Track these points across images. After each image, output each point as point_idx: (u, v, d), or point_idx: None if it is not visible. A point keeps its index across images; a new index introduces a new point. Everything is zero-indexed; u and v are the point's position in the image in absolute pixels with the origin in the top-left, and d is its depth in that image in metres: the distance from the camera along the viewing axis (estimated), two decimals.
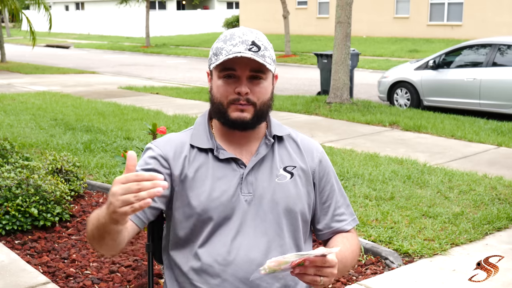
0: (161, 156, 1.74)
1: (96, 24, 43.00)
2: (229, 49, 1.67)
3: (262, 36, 1.74)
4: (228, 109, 1.71)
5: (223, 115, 1.72)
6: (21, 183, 4.49)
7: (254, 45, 1.68)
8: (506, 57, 9.72)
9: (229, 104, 1.70)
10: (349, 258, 1.75)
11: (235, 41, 1.68)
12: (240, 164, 1.74)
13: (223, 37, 1.72)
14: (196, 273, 1.70)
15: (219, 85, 1.72)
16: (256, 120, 1.72)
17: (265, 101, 1.73)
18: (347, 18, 10.41)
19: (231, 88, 1.69)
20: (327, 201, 1.84)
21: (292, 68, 19.49)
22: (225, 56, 1.66)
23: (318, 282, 1.50)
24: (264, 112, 1.74)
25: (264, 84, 1.72)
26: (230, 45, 1.68)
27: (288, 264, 1.44)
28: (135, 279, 3.67)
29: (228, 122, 1.72)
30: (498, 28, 22.44)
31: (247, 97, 1.69)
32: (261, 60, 1.66)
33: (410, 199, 5.18)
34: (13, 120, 8.92)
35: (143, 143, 6.97)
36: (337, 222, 1.85)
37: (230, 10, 45.45)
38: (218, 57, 1.69)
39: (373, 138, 8.08)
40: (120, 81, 15.77)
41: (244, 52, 1.65)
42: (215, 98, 1.73)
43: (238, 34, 1.70)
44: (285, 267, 1.44)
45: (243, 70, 1.68)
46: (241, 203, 1.71)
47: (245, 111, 1.70)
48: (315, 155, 1.85)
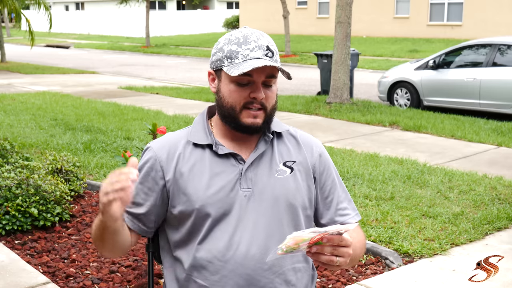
0: (155, 159, 1.77)
1: (96, 24, 43.00)
2: (246, 54, 1.66)
3: (271, 39, 1.74)
4: (240, 115, 1.71)
5: (234, 119, 1.72)
6: (21, 183, 4.49)
7: (269, 51, 1.69)
8: (506, 57, 9.72)
9: (242, 109, 1.70)
10: (358, 247, 1.74)
11: (251, 45, 1.67)
12: (239, 160, 1.74)
13: (235, 39, 1.69)
14: (196, 269, 1.70)
15: (231, 89, 1.70)
16: (265, 124, 1.74)
17: (274, 105, 1.75)
18: (347, 18, 10.41)
19: (246, 92, 1.69)
20: (329, 195, 1.84)
21: (292, 68, 19.49)
22: (243, 60, 1.66)
23: (335, 262, 1.49)
24: (272, 115, 1.76)
25: (274, 89, 1.74)
26: (246, 49, 1.67)
27: (306, 242, 1.42)
28: (135, 279, 3.67)
29: (240, 127, 1.72)
30: (498, 28, 22.44)
31: (261, 102, 1.70)
32: (279, 67, 1.68)
33: (410, 199, 5.18)
34: (13, 120, 8.92)
35: (143, 143, 6.98)
36: (341, 216, 1.84)
37: (230, 10, 45.45)
38: (233, 60, 1.67)
39: (373, 138, 8.08)
40: (120, 81, 15.77)
41: (263, 59, 1.66)
42: (226, 103, 1.72)
43: (253, 38, 1.69)
44: (303, 245, 1.42)
45: (259, 76, 1.68)
46: (240, 199, 1.71)
47: (258, 117, 1.71)
48: (315, 150, 1.85)
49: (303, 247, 1.43)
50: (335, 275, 3.82)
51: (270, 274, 1.69)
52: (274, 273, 1.70)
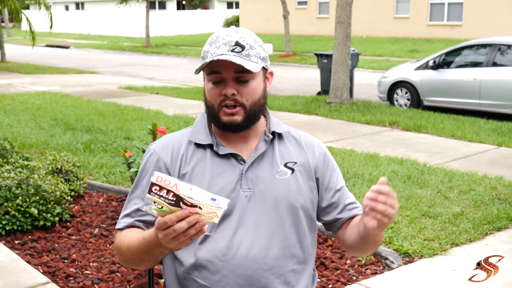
0: (159, 161, 1.76)
1: (96, 24, 42.99)
2: (213, 52, 1.67)
3: (248, 34, 1.72)
4: (219, 113, 1.71)
5: (215, 118, 1.73)
6: (21, 183, 4.49)
7: (238, 45, 1.67)
8: (506, 57, 9.72)
9: (219, 107, 1.71)
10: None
11: (218, 43, 1.68)
12: (240, 160, 1.74)
13: (209, 40, 1.72)
14: (197, 269, 1.70)
15: (209, 88, 1.72)
16: (248, 121, 1.72)
17: (255, 101, 1.72)
18: (347, 18, 10.41)
19: (219, 90, 1.70)
20: (336, 194, 1.84)
21: (292, 68, 19.49)
22: (210, 59, 1.66)
23: (389, 213, 1.54)
24: (256, 111, 1.73)
25: (252, 84, 1.71)
26: (214, 47, 1.68)
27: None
28: (135, 279, 3.67)
29: (221, 125, 1.73)
30: (498, 28, 22.44)
31: (234, 98, 1.69)
32: (242, 61, 1.64)
33: (410, 199, 5.18)
34: (13, 120, 8.92)
35: (143, 143, 6.98)
36: (349, 211, 1.86)
37: (230, 10, 45.44)
38: (204, 60, 1.70)
39: (373, 138, 8.08)
40: (120, 81, 15.77)
41: (226, 54, 1.65)
42: (208, 102, 1.74)
43: (223, 36, 1.70)
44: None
45: (228, 72, 1.67)
46: (241, 199, 1.71)
47: (235, 114, 1.70)
48: (317, 150, 1.85)
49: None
50: (335, 275, 3.82)
51: (270, 274, 1.69)
52: (274, 274, 1.70)
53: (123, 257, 1.71)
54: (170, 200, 1.39)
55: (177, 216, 1.39)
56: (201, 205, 1.40)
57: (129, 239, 1.67)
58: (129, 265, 1.74)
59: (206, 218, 1.42)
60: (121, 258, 1.73)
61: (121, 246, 1.69)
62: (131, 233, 1.69)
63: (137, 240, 1.62)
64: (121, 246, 1.69)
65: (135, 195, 1.77)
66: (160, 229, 1.43)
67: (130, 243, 1.66)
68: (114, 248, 1.77)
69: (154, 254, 1.60)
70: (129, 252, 1.67)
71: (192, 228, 1.41)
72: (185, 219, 1.39)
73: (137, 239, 1.62)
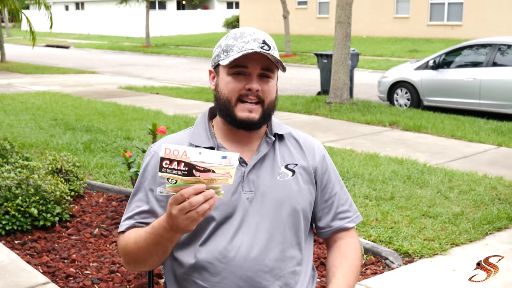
0: None
1: (96, 24, 42.99)
2: (241, 46, 1.67)
3: (270, 36, 1.74)
4: (235, 108, 1.70)
5: (230, 113, 1.71)
6: (21, 183, 4.49)
7: (265, 44, 1.68)
8: (506, 57, 9.73)
9: (237, 101, 1.69)
10: (353, 274, 1.78)
11: (246, 38, 1.68)
12: (242, 162, 1.73)
13: (232, 35, 1.72)
14: (197, 271, 1.70)
15: (228, 81, 1.70)
16: (263, 120, 1.73)
17: (272, 100, 1.74)
18: (347, 18, 10.41)
19: (241, 84, 1.69)
20: (330, 198, 1.84)
21: (292, 68, 19.48)
22: (238, 52, 1.65)
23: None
24: (270, 111, 1.74)
25: (272, 83, 1.73)
26: (241, 42, 1.68)
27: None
28: (135, 279, 3.67)
29: (235, 122, 1.71)
30: (498, 28, 22.44)
31: (257, 94, 1.69)
32: (274, 58, 1.66)
33: (410, 199, 5.18)
34: (13, 120, 8.92)
35: (143, 143, 6.98)
36: (340, 220, 1.85)
37: (230, 10, 45.44)
38: (228, 53, 1.68)
39: (373, 138, 8.08)
40: (120, 81, 15.77)
41: (258, 49, 1.65)
42: (222, 95, 1.72)
43: (249, 33, 1.70)
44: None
45: (255, 67, 1.68)
46: (242, 201, 1.70)
47: (253, 112, 1.69)
48: (317, 152, 1.85)
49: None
50: None
51: (270, 276, 1.69)
52: (274, 276, 1.70)
53: (129, 256, 1.70)
54: (182, 171, 1.38)
55: (194, 189, 1.39)
56: (214, 167, 1.39)
57: (136, 234, 1.67)
58: (136, 265, 1.72)
59: (221, 182, 1.42)
60: (127, 259, 1.71)
61: (128, 244, 1.68)
62: (137, 230, 1.69)
63: (145, 232, 1.62)
64: (127, 244, 1.68)
65: (136, 198, 1.76)
66: (176, 203, 1.43)
67: (137, 237, 1.65)
68: (119, 250, 1.75)
69: (163, 244, 1.59)
70: (136, 247, 1.66)
71: (206, 202, 1.41)
72: (201, 193, 1.40)
73: (145, 231, 1.62)
